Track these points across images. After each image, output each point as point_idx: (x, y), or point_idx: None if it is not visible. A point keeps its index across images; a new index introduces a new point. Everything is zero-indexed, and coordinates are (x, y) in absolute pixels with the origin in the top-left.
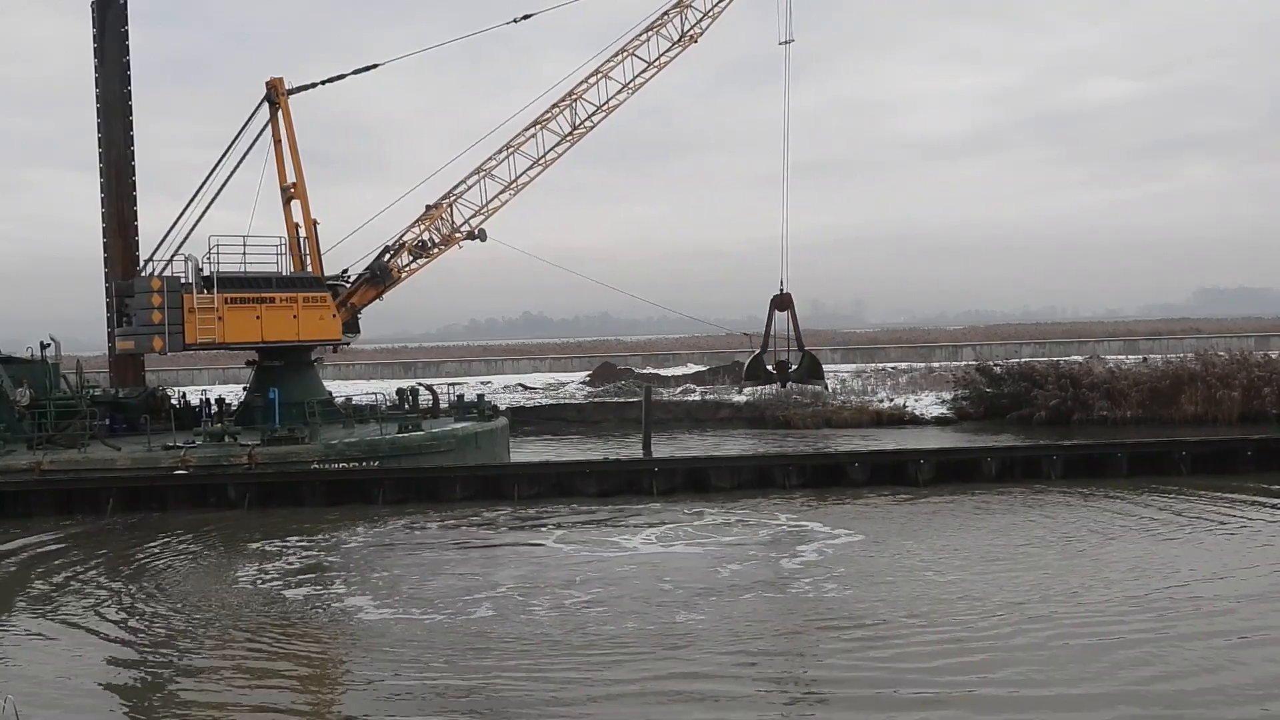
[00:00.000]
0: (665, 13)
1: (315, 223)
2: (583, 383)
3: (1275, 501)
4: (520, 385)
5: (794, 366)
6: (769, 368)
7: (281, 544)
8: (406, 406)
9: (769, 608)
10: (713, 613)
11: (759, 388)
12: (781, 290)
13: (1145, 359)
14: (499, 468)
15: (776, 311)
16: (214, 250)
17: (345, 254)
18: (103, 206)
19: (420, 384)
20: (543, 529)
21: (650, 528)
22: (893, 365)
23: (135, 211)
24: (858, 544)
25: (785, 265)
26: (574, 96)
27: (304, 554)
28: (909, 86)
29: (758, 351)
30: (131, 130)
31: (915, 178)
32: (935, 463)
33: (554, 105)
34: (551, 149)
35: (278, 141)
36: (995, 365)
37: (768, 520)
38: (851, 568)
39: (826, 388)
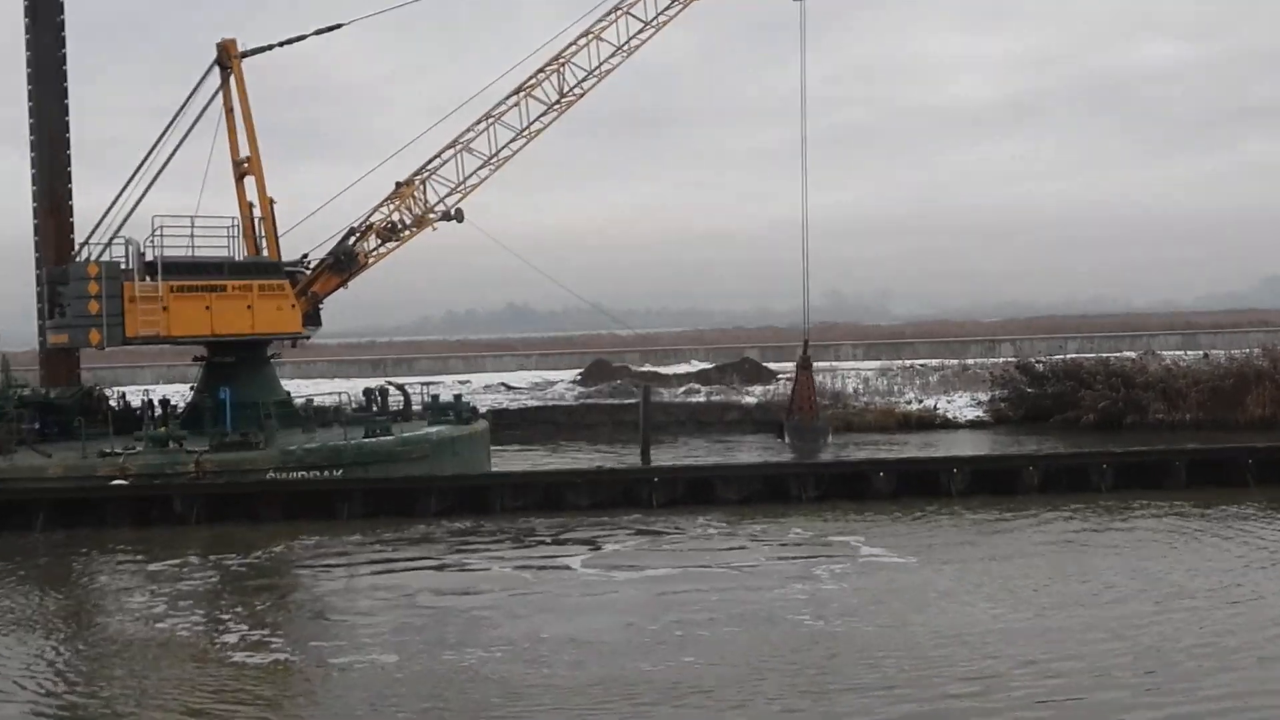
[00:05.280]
0: None
1: (272, 202)
2: (573, 382)
3: None
4: (503, 385)
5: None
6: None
7: (226, 565)
8: (375, 408)
9: (779, 652)
10: (710, 656)
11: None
12: (805, 349)
13: (1206, 354)
14: (479, 478)
15: (801, 372)
16: (158, 232)
17: (306, 237)
18: (33, 184)
19: (390, 383)
20: (524, 548)
21: (646, 546)
22: (921, 362)
23: (70, 189)
24: (887, 569)
25: (807, 320)
26: (561, 60)
27: (250, 578)
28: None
29: (792, 416)
30: (66, 99)
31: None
32: (970, 471)
33: (539, 70)
34: (537, 119)
35: (229, 111)
36: (1037, 362)
37: (780, 538)
38: (880, 601)
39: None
